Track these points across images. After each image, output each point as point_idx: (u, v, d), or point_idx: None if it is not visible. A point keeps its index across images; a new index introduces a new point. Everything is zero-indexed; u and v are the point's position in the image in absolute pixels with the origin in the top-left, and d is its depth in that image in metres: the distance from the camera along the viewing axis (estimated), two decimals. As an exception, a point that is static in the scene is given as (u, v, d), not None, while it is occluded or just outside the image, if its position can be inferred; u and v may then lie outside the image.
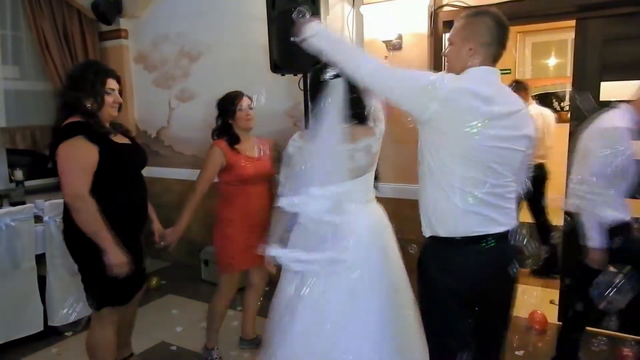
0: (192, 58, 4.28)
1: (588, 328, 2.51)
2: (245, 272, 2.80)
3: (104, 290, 2.15)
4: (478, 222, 1.56)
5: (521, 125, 1.59)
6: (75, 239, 2.09)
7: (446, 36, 3.13)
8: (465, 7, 2.94)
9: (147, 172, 2.54)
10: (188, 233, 4.68)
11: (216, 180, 2.66)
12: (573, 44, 2.94)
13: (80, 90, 2.06)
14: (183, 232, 2.57)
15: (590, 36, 2.83)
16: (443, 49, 3.10)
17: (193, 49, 4.25)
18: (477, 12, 1.64)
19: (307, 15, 1.78)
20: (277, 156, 2.62)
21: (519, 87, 4.21)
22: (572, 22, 2.90)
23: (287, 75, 3.41)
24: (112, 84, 2.13)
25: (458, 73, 1.61)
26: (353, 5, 3.32)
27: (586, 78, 2.85)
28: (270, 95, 3.52)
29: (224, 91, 3.14)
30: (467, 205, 1.53)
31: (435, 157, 1.56)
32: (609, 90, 2.81)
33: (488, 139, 1.50)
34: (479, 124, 1.48)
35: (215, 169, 2.57)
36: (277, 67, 3.29)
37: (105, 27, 4.49)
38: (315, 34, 1.70)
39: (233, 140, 2.60)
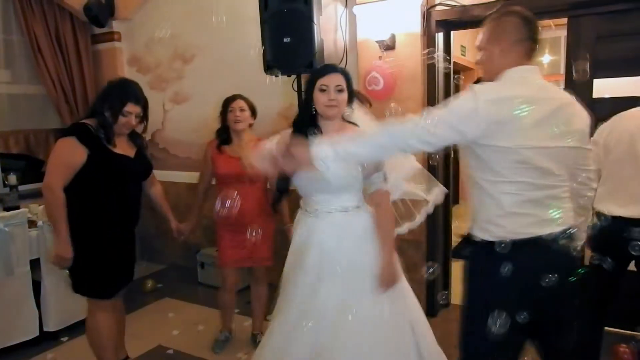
0: (185, 60, 4.27)
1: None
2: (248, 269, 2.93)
3: (85, 281, 2.33)
4: (531, 224, 1.52)
5: (572, 119, 1.55)
6: (53, 229, 2.26)
7: (439, 35, 3.13)
8: (457, 7, 2.95)
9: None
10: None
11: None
12: (565, 42, 2.95)
13: (105, 102, 2.26)
14: (195, 225, 2.84)
15: (583, 34, 2.84)
16: (436, 50, 3.10)
17: (186, 50, 4.24)
18: (500, 13, 1.61)
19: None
20: None
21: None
22: (565, 20, 2.91)
23: (280, 76, 3.41)
24: (131, 107, 2.27)
25: (494, 78, 1.59)
26: (346, 5, 3.31)
27: (580, 75, 2.85)
28: (264, 96, 3.52)
29: (217, 93, 3.15)
30: (520, 208, 1.51)
31: (486, 169, 1.53)
32: (602, 87, 2.82)
33: (538, 141, 1.48)
34: (526, 127, 1.46)
35: (206, 167, 2.78)
36: (270, 68, 3.28)
37: (98, 30, 4.47)
38: (328, 156, 1.60)
39: (224, 140, 2.74)
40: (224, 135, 2.74)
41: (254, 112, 2.83)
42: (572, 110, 1.57)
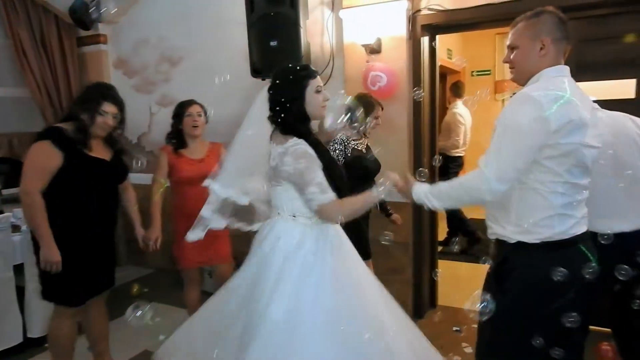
0: (172, 63, 4.25)
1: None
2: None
3: (54, 287, 2.32)
4: (575, 224, 1.57)
5: (597, 121, 1.60)
6: (35, 235, 2.28)
7: (424, 40, 3.16)
8: (442, 11, 2.97)
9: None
10: (171, 239, 4.65)
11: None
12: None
13: (81, 104, 2.29)
14: (160, 229, 2.70)
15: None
16: (421, 52, 3.13)
17: (174, 53, 4.23)
18: (536, 12, 1.62)
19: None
20: None
21: (457, 86, 4.83)
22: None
23: (267, 80, 3.41)
24: (108, 107, 2.29)
25: (527, 77, 1.60)
26: (332, 9, 3.33)
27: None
28: (250, 99, 3.51)
29: (204, 95, 3.15)
30: (568, 209, 1.55)
31: (542, 170, 1.53)
32: (584, 89, 2.86)
33: (590, 140, 1.52)
34: (584, 126, 1.50)
35: (162, 171, 2.74)
36: (257, 71, 3.29)
37: (83, 33, 4.43)
38: (425, 198, 1.71)
39: (180, 145, 2.75)
40: (178, 139, 2.76)
41: (207, 118, 2.86)
42: (595, 112, 1.62)
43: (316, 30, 3.41)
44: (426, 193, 1.70)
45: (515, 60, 1.64)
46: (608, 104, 2.78)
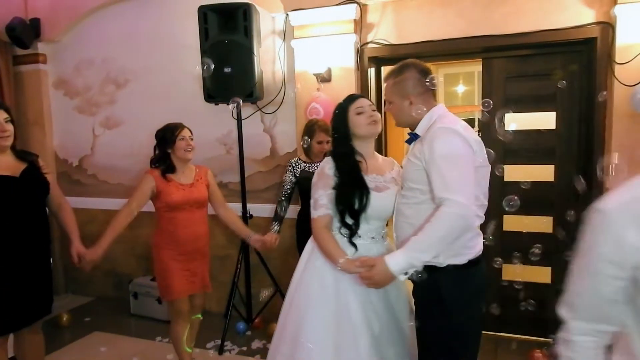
0: (118, 85, 4.18)
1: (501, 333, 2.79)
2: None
3: None
4: (480, 240, 1.77)
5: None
6: None
7: (372, 71, 3.38)
8: (387, 45, 3.21)
9: (69, 202, 2.51)
10: (115, 265, 4.49)
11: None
12: (480, 76, 3.31)
13: None
14: (103, 254, 2.43)
15: (495, 73, 3.21)
16: (369, 83, 3.34)
17: (120, 75, 4.16)
18: (400, 67, 1.80)
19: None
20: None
21: None
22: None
23: (220, 105, 3.47)
24: None
25: (409, 124, 1.80)
26: (284, 39, 3.47)
27: (493, 109, 3.21)
28: (202, 123, 3.56)
29: (153, 118, 3.12)
30: (478, 228, 1.74)
31: None
32: (514, 120, 3.20)
33: (481, 161, 1.71)
34: (481, 152, 1.72)
35: (143, 196, 2.57)
36: (211, 96, 3.35)
37: (20, 51, 4.25)
38: (410, 262, 1.60)
39: (168, 169, 2.62)
40: (167, 163, 2.63)
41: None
42: None
43: (268, 58, 3.53)
44: (407, 256, 1.58)
45: (393, 113, 1.83)
46: (532, 134, 3.15)
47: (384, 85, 1.88)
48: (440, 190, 1.57)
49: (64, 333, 3.59)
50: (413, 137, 1.79)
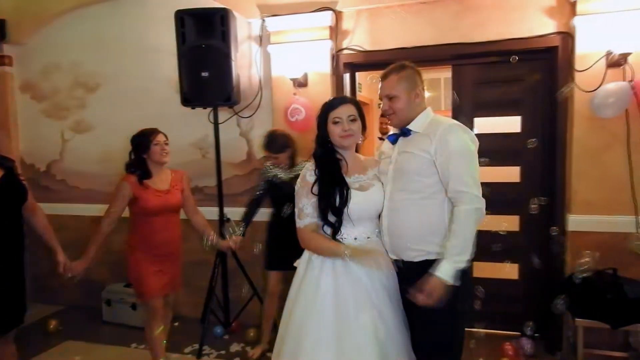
0: (88, 89, 4.10)
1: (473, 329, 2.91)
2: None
3: None
4: None
5: None
6: None
7: (347, 76, 3.46)
8: (362, 52, 3.31)
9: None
10: (86, 272, 4.39)
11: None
12: (444, 82, 3.44)
13: None
14: (89, 264, 2.56)
15: (464, 80, 3.36)
16: (344, 87, 3.43)
17: (90, 79, 4.09)
18: (401, 65, 1.91)
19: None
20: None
21: None
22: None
23: (197, 109, 3.47)
24: None
25: (406, 122, 1.86)
26: (260, 44, 3.51)
27: (462, 114, 3.36)
28: (177, 127, 3.55)
29: (126, 123, 3.09)
30: None
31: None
32: (481, 124, 3.35)
33: None
34: None
35: (122, 203, 2.62)
36: (187, 100, 3.35)
37: (-16, 53, 4.12)
38: (455, 265, 1.72)
39: (144, 175, 2.64)
40: (143, 168, 2.64)
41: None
42: None
43: (245, 63, 3.56)
44: (451, 262, 1.70)
45: (397, 108, 1.86)
46: (499, 137, 3.30)
47: (383, 82, 1.92)
48: (457, 184, 1.73)
49: (35, 343, 3.48)
50: (403, 133, 1.88)
